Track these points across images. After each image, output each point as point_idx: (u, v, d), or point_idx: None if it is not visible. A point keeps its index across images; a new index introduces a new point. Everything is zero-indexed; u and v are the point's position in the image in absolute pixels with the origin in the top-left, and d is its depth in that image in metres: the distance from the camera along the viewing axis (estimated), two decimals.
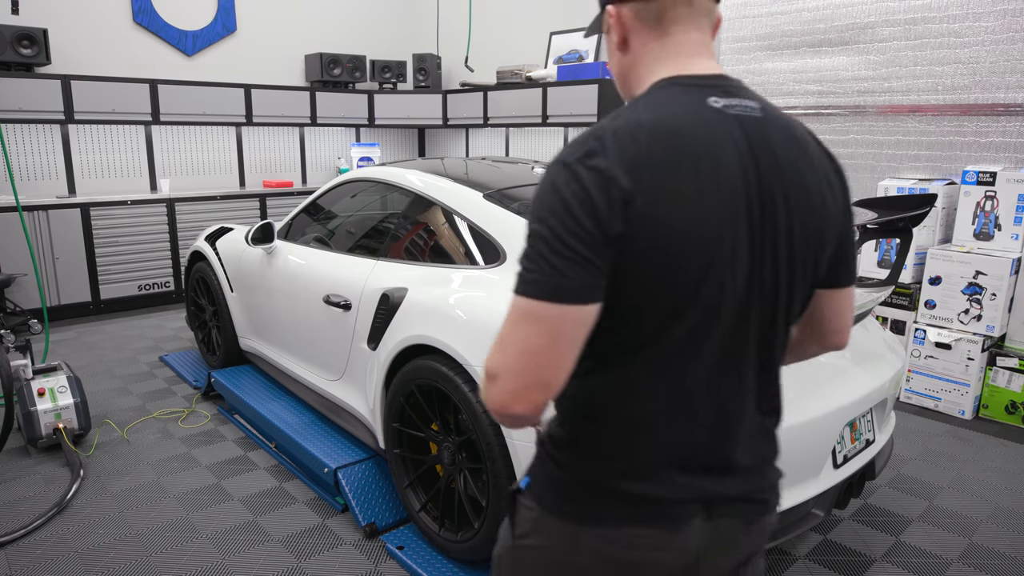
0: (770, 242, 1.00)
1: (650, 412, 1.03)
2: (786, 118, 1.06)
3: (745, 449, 1.09)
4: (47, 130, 5.73)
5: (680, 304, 0.98)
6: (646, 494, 1.05)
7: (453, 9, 7.59)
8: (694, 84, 1.01)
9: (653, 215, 0.92)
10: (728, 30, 5.33)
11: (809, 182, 1.03)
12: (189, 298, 4.47)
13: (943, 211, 4.09)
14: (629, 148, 0.92)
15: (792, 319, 1.10)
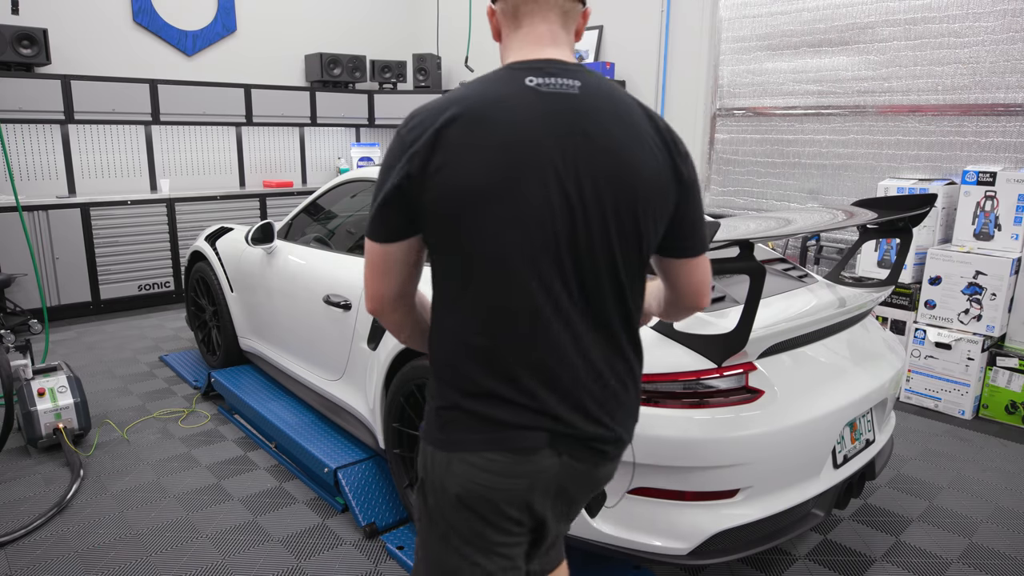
0: (576, 198, 1.15)
1: (467, 341, 1.19)
2: (610, 95, 1.19)
3: (583, 392, 1.21)
4: (47, 130, 5.73)
5: (483, 248, 1.15)
6: (495, 418, 1.20)
7: (453, 9, 7.59)
8: (522, 68, 1.18)
9: (447, 173, 1.11)
10: (728, 30, 5.33)
11: (623, 149, 1.17)
12: (189, 298, 4.47)
13: (943, 211, 4.09)
14: (436, 119, 1.12)
15: (620, 271, 1.21)
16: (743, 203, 5.44)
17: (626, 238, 1.20)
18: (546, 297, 1.17)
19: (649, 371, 1.97)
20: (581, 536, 2.07)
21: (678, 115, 5.75)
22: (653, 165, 1.19)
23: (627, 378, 1.28)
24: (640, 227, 1.20)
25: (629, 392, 1.29)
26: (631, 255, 1.22)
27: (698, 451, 1.93)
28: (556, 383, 1.20)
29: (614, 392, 1.25)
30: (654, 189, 1.20)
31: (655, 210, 1.21)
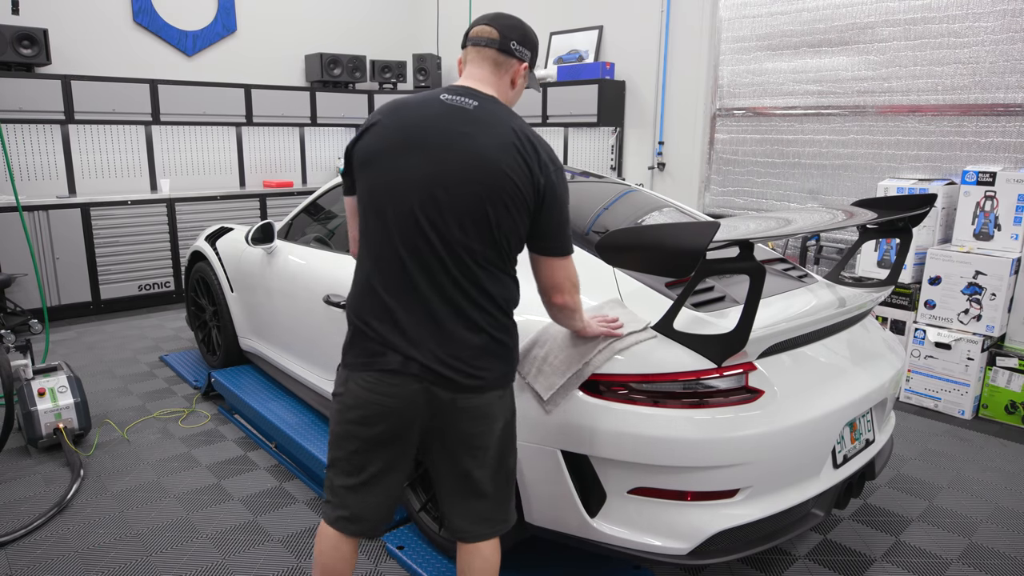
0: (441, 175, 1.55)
1: (363, 280, 1.63)
2: (494, 115, 1.61)
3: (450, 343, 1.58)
4: (47, 130, 5.73)
5: (373, 208, 1.60)
6: (371, 348, 1.61)
7: (453, 9, 7.59)
8: (445, 89, 1.66)
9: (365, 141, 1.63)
10: (728, 30, 5.33)
11: (487, 150, 1.56)
12: (189, 298, 4.47)
13: (943, 211, 4.09)
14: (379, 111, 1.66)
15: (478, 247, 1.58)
16: (743, 203, 5.44)
17: (474, 212, 1.56)
18: (406, 250, 1.57)
19: (649, 371, 1.97)
20: (581, 536, 2.07)
21: (678, 115, 5.75)
22: (507, 167, 1.56)
23: (475, 327, 1.61)
24: (487, 209, 1.56)
25: (477, 337, 1.61)
26: (481, 228, 1.57)
27: (698, 451, 1.93)
28: (407, 323, 1.58)
29: (461, 337, 1.59)
30: (506, 185, 1.56)
31: (506, 202, 1.57)
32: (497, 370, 1.66)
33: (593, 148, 6.44)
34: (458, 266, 1.58)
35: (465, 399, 1.62)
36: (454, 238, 1.56)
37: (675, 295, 2.15)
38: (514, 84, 1.73)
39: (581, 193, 3.00)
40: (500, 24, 1.71)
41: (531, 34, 1.76)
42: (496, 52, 1.69)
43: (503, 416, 1.72)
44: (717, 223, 1.84)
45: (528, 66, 1.74)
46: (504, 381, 1.70)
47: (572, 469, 2.05)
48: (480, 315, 1.61)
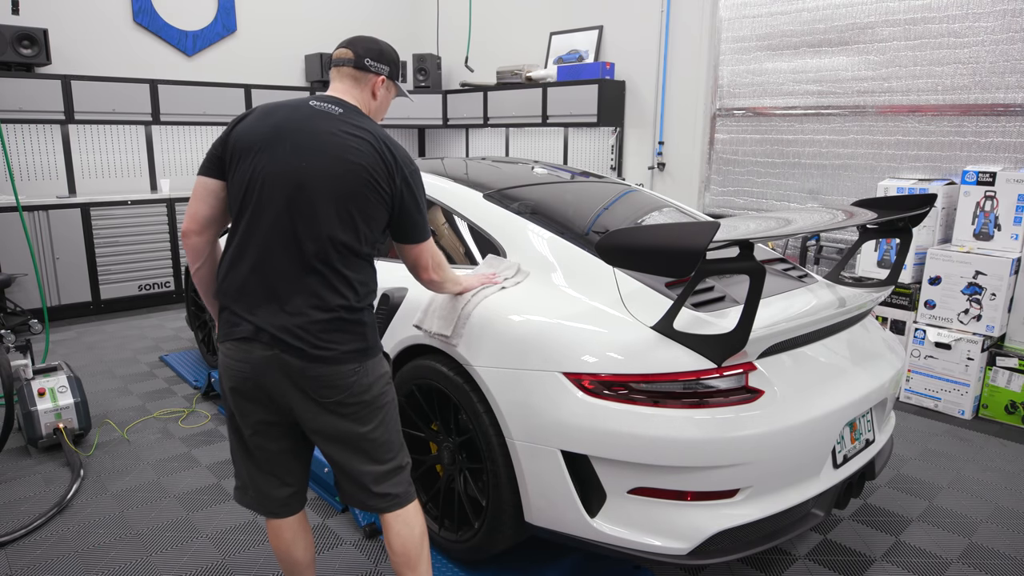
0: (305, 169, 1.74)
1: (236, 266, 1.79)
2: (357, 121, 1.83)
3: (297, 316, 1.75)
4: (47, 130, 5.73)
5: (244, 196, 1.78)
6: (231, 320, 1.81)
7: (453, 9, 7.59)
8: (313, 96, 1.89)
9: (237, 148, 1.80)
10: (728, 30, 5.33)
11: (347, 151, 1.76)
12: (189, 298, 4.47)
13: (943, 211, 4.09)
14: (246, 112, 1.87)
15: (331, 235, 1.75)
16: (743, 203, 5.44)
17: (336, 204, 1.75)
18: (270, 232, 1.75)
19: (649, 371, 1.97)
20: (581, 536, 2.07)
21: (678, 115, 5.75)
22: (368, 165, 1.77)
23: (326, 306, 1.76)
24: (348, 202, 1.76)
25: (326, 314, 1.76)
26: (342, 218, 1.76)
27: (698, 451, 1.93)
28: (263, 301, 1.77)
29: (310, 313, 1.76)
30: (367, 181, 1.77)
31: (366, 195, 1.78)
32: (348, 344, 1.80)
33: (593, 148, 6.43)
34: (317, 251, 1.75)
35: (314, 368, 1.77)
36: (316, 226, 1.75)
37: (675, 295, 2.15)
38: (375, 95, 1.96)
39: (581, 193, 3.00)
40: (356, 45, 1.95)
41: (388, 52, 1.98)
42: (353, 69, 1.93)
43: (364, 390, 1.83)
44: (717, 223, 1.84)
45: (387, 79, 1.97)
46: (358, 356, 1.82)
47: (572, 469, 2.05)
48: (331, 295, 1.78)
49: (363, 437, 1.86)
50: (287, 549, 1.99)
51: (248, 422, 1.86)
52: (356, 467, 1.88)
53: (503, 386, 2.13)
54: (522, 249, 2.48)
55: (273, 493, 1.93)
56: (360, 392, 1.83)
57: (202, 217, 1.85)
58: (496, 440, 2.17)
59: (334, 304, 1.78)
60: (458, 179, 2.91)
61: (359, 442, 1.85)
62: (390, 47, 2.01)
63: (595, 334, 2.08)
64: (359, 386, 1.82)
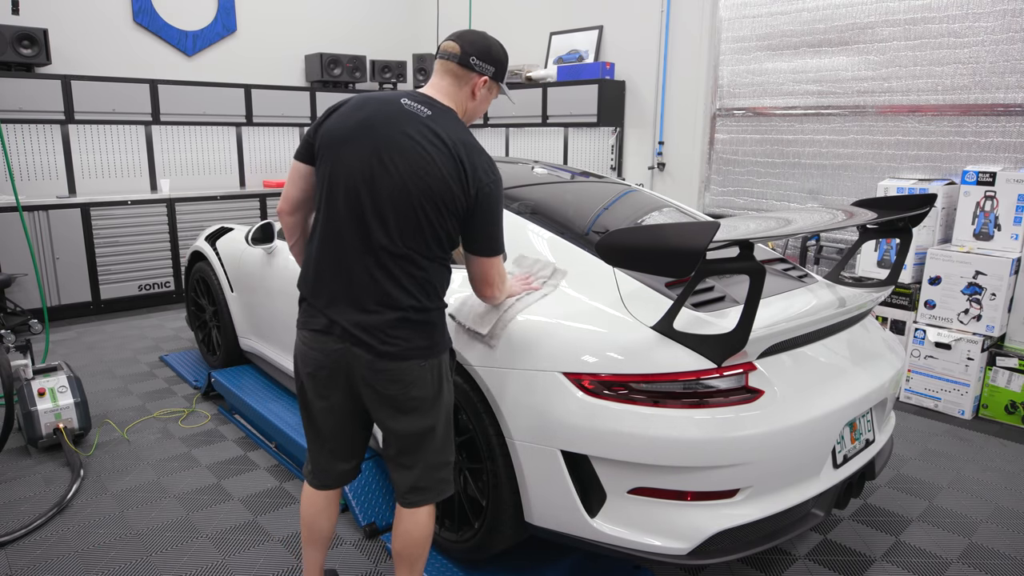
0: (378, 171, 1.76)
1: (316, 259, 1.86)
2: (444, 125, 1.81)
3: (370, 312, 1.80)
4: (47, 130, 5.73)
5: (327, 189, 1.81)
6: (308, 311, 1.90)
7: (453, 9, 7.59)
8: (406, 94, 1.87)
9: (328, 126, 1.85)
10: (728, 30, 5.33)
11: (426, 153, 1.76)
12: (189, 298, 4.47)
13: (943, 211, 4.09)
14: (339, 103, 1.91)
15: (401, 237, 1.78)
16: (743, 203, 5.44)
17: (408, 208, 1.76)
18: (345, 230, 1.80)
19: (649, 371, 1.97)
20: (581, 536, 2.07)
21: (678, 115, 5.75)
22: (445, 173, 1.76)
23: (395, 305, 1.80)
24: (421, 207, 1.76)
25: (395, 313, 1.81)
26: (412, 223, 1.77)
27: (698, 451, 1.93)
28: (338, 296, 1.83)
29: (380, 311, 1.80)
30: (441, 189, 1.76)
31: (437, 203, 1.77)
32: (414, 341, 1.84)
33: (593, 148, 6.44)
34: (388, 253, 1.79)
35: (381, 363, 1.82)
36: (389, 227, 1.77)
37: (675, 295, 2.15)
38: (474, 95, 1.92)
39: (581, 193, 3.00)
40: (464, 40, 1.90)
41: (495, 51, 1.92)
42: (456, 66, 1.89)
43: (426, 386, 1.88)
44: (717, 223, 1.84)
45: (490, 79, 1.92)
46: (424, 353, 1.86)
47: (572, 469, 2.05)
48: (401, 294, 1.80)
49: (424, 431, 1.91)
50: (316, 516, 2.08)
51: (321, 405, 1.95)
52: (408, 458, 1.93)
53: (503, 386, 2.13)
54: (522, 249, 2.48)
55: (333, 467, 2.04)
56: (424, 387, 1.87)
57: (293, 199, 1.96)
58: (496, 440, 2.17)
59: (404, 304, 1.81)
60: None
61: (420, 435, 1.90)
62: (500, 46, 1.96)
63: (595, 334, 2.08)
64: (423, 381, 1.87)
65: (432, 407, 1.90)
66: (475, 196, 1.79)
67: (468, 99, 1.92)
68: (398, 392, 1.86)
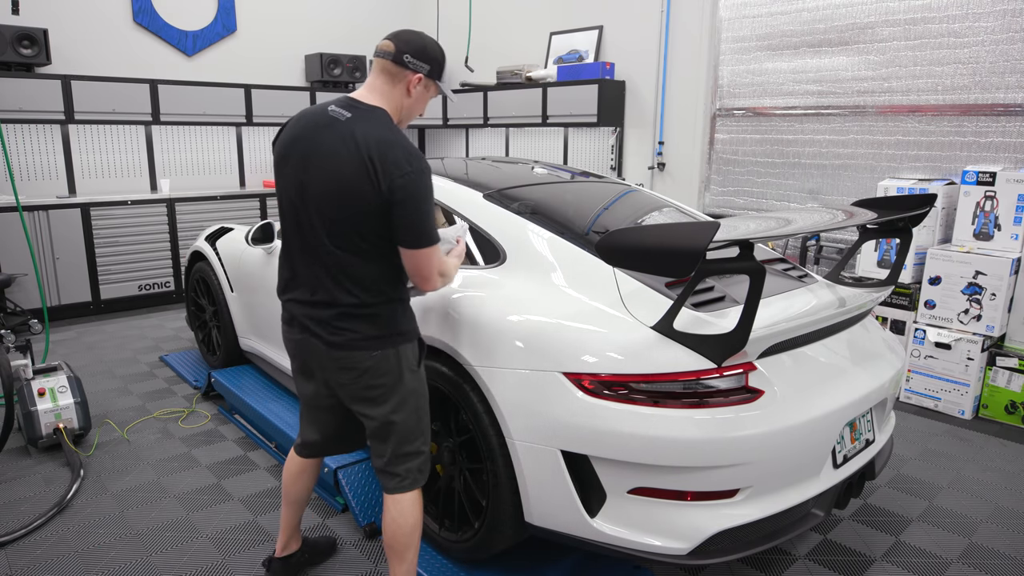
0: (304, 181, 1.90)
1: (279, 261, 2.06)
2: (361, 128, 1.86)
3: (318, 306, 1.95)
4: (47, 130, 5.73)
5: (279, 206, 2.01)
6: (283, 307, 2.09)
7: (453, 9, 7.59)
8: (336, 100, 1.95)
9: (275, 157, 2.00)
10: (728, 30, 5.33)
11: (338, 156, 1.84)
12: (189, 298, 4.47)
13: (943, 211, 4.09)
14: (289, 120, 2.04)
15: (329, 240, 1.89)
16: (743, 203, 5.44)
17: (329, 211, 1.87)
18: (291, 235, 1.97)
19: (649, 371, 1.97)
20: (581, 536, 2.07)
21: (678, 115, 5.75)
22: (350, 173, 1.83)
23: (332, 303, 1.93)
24: (338, 209, 1.86)
25: (329, 311, 1.94)
26: (334, 223, 1.88)
27: (698, 451, 1.93)
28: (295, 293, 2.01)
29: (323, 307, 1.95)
30: (354, 189, 1.83)
31: (354, 203, 1.84)
32: (362, 332, 1.94)
33: (593, 148, 6.43)
34: (324, 252, 1.91)
35: (332, 352, 1.96)
36: (318, 231, 1.90)
37: (675, 295, 2.15)
38: (409, 93, 1.97)
39: (581, 193, 3.00)
40: (399, 39, 1.95)
41: (431, 50, 1.97)
42: (391, 63, 1.93)
43: (380, 376, 1.97)
44: (717, 223, 1.84)
45: (425, 77, 1.96)
46: (373, 344, 1.95)
47: (572, 469, 2.05)
48: (340, 292, 1.92)
49: (385, 419, 2.00)
50: (291, 480, 2.30)
51: (306, 390, 2.16)
52: (377, 445, 2.05)
53: (503, 386, 2.13)
54: (522, 249, 2.48)
55: (307, 438, 2.26)
56: (378, 376, 1.96)
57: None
58: (496, 440, 2.16)
59: (344, 301, 1.93)
60: (458, 179, 2.91)
61: (383, 423, 2.00)
62: (435, 44, 2.00)
63: (595, 334, 2.08)
64: (377, 371, 1.96)
65: (390, 396, 1.98)
66: (388, 191, 1.82)
67: (404, 96, 1.97)
68: (350, 380, 1.98)
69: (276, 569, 2.38)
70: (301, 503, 2.34)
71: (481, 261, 2.55)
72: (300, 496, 2.33)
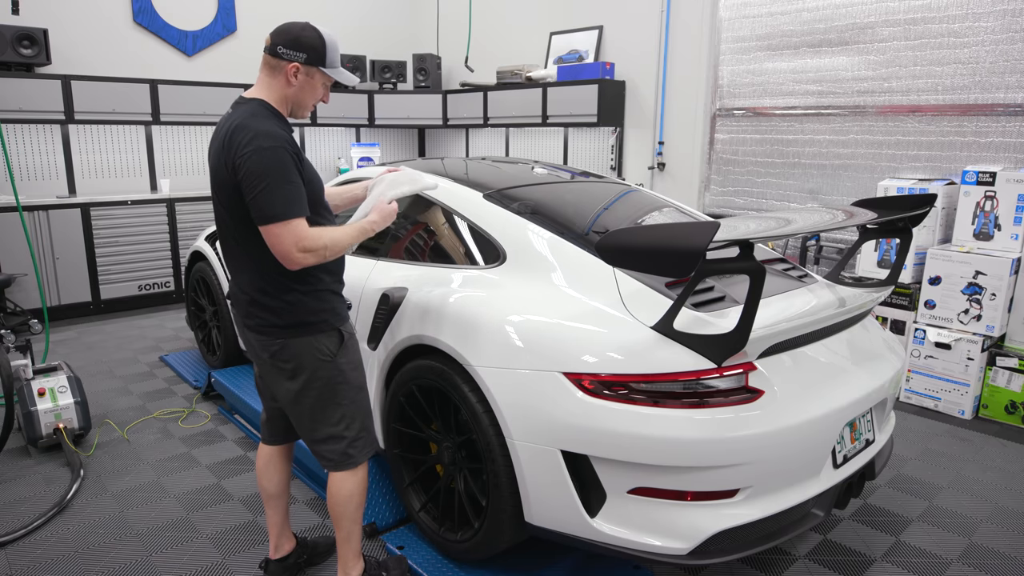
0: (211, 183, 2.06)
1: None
2: (230, 119, 1.99)
3: (234, 290, 2.13)
4: (47, 130, 5.74)
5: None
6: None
7: (453, 9, 7.59)
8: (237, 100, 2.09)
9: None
10: (728, 30, 5.33)
11: (215, 152, 1.99)
12: (189, 298, 4.47)
13: (943, 211, 4.09)
14: None
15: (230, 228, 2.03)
16: (743, 203, 5.44)
17: (218, 200, 2.02)
18: (220, 230, 2.10)
19: (649, 371, 1.97)
20: (581, 536, 2.07)
21: (678, 115, 5.75)
22: (221, 160, 1.95)
23: (243, 286, 2.07)
24: (220, 197, 2.00)
25: (244, 295, 2.08)
26: (227, 211, 2.00)
27: (698, 451, 1.93)
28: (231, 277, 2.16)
29: (237, 292, 2.11)
30: (221, 175, 1.96)
31: (224, 188, 1.97)
32: (266, 319, 2.04)
33: (593, 148, 6.44)
34: (225, 244, 2.08)
35: (246, 333, 2.13)
36: (222, 221, 2.04)
37: (675, 295, 2.15)
38: (290, 82, 2.02)
39: (581, 193, 3.00)
40: (276, 32, 2.02)
41: (307, 38, 2.02)
42: (268, 56, 2.02)
43: (288, 360, 2.06)
44: (717, 223, 1.84)
45: (302, 65, 2.01)
46: (279, 332, 2.04)
47: (572, 469, 2.05)
48: (243, 276, 2.06)
49: (294, 399, 2.10)
50: (261, 473, 2.37)
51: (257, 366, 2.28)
52: (296, 424, 2.18)
53: (503, 386, 2.13)
54: (522, 249, 2.48)
55: (262, 417, 2.38)
56: (286, 360, 2.07)
57: None
58: (496, 440, 2.16)
59: (245, 287, 2.07)
60: (458, 179, 2.91)
61: (293, 401, 2.11)
62: (313, 31, 2.05)
63: (595, 334, 2.08)
64: (284, 355, 2.07)
65: (291, 379, 2.08)
66: (233, 171, 1.91)
67: (286, 87, 2.03)
68: (259, 354, 2.12)
69: (273, 571, 2.41)
70: (280, 498, 2.39)
71: (481, 261, 2.55)
72: (276, 490, 2.37)
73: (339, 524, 2.22)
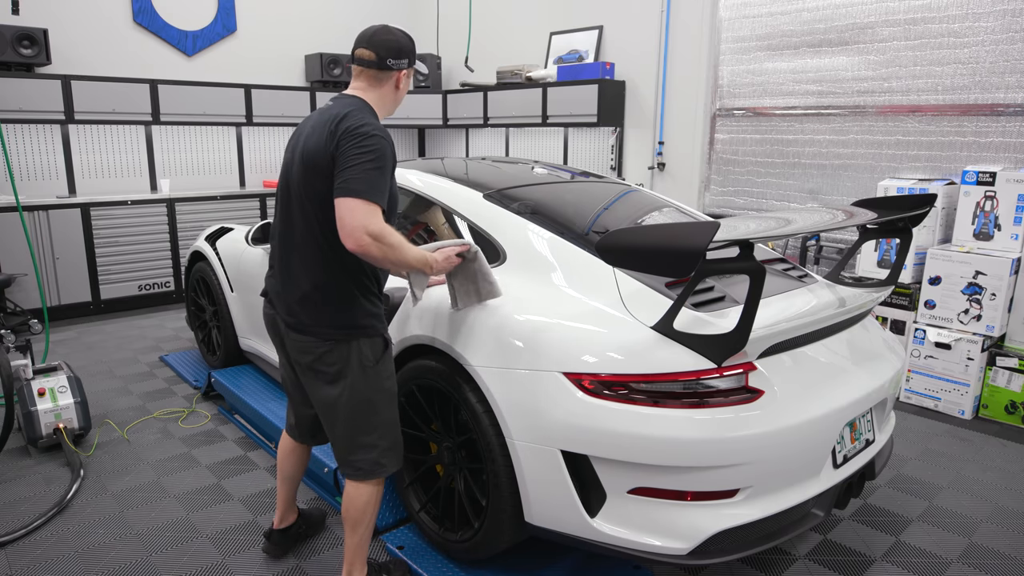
0: (290, 160, 2.07)
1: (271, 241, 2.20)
2: (336, 108, 1.99)
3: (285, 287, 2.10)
4: (47, 130, 5.73)
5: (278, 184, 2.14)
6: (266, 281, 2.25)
7: (453, 9, 7.59)
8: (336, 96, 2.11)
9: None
10: (728, 30, 5.33)
11: (308, 143, 1.99)
12: (189, 298, 4.47)
13: (943, 211, 4.09)
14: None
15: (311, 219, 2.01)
16: (743, 203, 5.44)
17: (299, 185, 2.00)
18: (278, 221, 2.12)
19: (649, 371, 1.97)
20: (581, 536, 2.07)
21: (678, 115, 5.75)
22: (317, 145, 1.94)
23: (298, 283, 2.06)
24: (297, 188, 2.01)
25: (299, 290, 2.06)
26: (302, 198, 2.00)
27: (698, 451, 1.93)
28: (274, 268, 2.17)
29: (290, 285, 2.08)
30: (316, 161, 1.94)
31: (310, 165, 1.96)
32: (317, 319, 2.04)
33: (593, 148, 6.43)
34: (295, 232, 2.05)
35: (291, 334, 2.10)
36: (293, 210, 2.04)
37: (675, 295, 2.15)
38: (398, 87, 2.11)
39: (581, 193, 3.00)
40: (377, 47, 2.04)
41: (405, 44, 2.08)
42: (376, 71, 2.06)
43: (328, 363, 2.06)
44: (717, 223, 1.84)
45: (407, 69, 2.09)
46: (328, 333, 2.04)
47: (572, 469, 2.05)
48: (305, 271, 2.04)
49: (333, 403, 2.09)
50: (283, 457, 2.46)
51: (281, 361, 2.30)
52: (330, 430, 2.17)
53: (503, 386, 2.13)
54: (522, 249, 2.48)
55: (289, 420, 2.43)
56: (330, 364, 2.07)
57: None
58: (496, 440, 2.16)
59: (308, 287, 2.04)
60: (458, 179, 2.91)
61: (331, 406, 2.10)
62: (406, 37, 2.10)
63: (595, 334, 2.08)
64: (329, 358, 2.06)
65: (332, 384, 2.08)
66: (335, 147, 1.91)
67: (392, 91, 2.11)
68: (299, 358, 2.11)
69: (275, 540, 2.53)
70: (294, 479, 2.50)
71: None
72: (292, 473, 2.48)
73: (354, 530, 2.20)
